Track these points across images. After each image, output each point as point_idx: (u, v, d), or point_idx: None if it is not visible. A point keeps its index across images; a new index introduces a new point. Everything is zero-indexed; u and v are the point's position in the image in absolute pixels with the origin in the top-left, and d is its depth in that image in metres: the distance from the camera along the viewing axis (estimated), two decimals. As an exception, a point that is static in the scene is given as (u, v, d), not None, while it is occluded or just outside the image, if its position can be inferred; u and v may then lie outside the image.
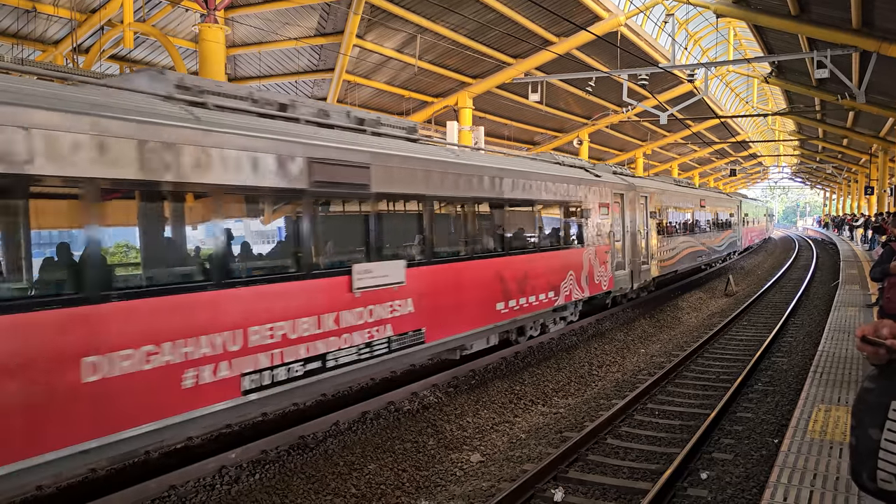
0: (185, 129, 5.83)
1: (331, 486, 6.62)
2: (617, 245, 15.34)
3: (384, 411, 8.63)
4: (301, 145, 6.99)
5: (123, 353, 5.20)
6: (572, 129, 33.43)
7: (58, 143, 4.88)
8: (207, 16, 13.27)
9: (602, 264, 14.33)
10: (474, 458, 7.56)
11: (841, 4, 13.71)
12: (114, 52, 18.78)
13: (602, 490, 6.54)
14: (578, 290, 13.18)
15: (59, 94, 5.13)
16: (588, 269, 13.58)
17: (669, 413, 9.00)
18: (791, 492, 4.60)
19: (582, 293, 13.36)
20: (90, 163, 5.06)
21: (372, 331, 7.80)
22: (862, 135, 31.19)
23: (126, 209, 5.79)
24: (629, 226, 16.19)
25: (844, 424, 5.94)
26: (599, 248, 14.18)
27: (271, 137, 6.68)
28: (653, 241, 18.14)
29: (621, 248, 15.69)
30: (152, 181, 5.55)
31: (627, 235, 16.05)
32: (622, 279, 15.77)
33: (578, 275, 13.17)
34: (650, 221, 17.90)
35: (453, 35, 19.87)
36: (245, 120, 6.70)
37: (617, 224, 15.43)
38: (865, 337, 1.68)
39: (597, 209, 14.16)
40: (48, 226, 5.51)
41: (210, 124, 6.12)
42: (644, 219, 17.37)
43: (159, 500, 6.07)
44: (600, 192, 14.50)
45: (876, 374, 1.69)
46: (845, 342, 9.55)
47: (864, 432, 1.63)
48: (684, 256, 21.94)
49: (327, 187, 7.41)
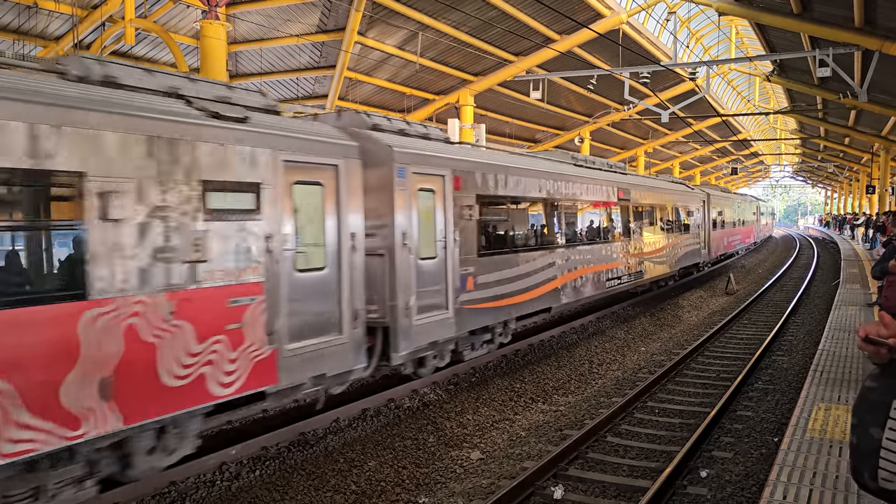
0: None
1: (331, 483, 6.63)
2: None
3: (384, 408, 8.63)
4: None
5: None
6: (573, 126, 33.39)
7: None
8: (209, 12, 13.27)
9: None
10: (474, 456, 7.57)
11: (843, 3, 13.67)
12: (115, 48, 18.77)
13: (602, 488, 6.55)
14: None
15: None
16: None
17: (670, 411, 9.00)
18: (791, 490, 4.60)
19: None
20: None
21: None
22: (864, 134, 31.12)
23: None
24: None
25: (844, 423, 5.94)
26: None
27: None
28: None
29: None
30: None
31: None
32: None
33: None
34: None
35: (455, 32, 19.84)
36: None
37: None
38: (868, 337, 1.68)
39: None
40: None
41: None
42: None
43: (159, 495, 6.08)
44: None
45: (878, 372, 1.69)
46: (846, 341, 9.54)
47: (866, 431, 1.62)
48: (559, 287, 12.69)
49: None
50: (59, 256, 5.23)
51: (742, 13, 16.86)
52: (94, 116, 5.15)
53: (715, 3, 17.02)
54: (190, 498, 6.12)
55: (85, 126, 5.08)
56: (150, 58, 20.13)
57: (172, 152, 5.69)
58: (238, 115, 6.43)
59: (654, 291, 19.85)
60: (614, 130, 37.56)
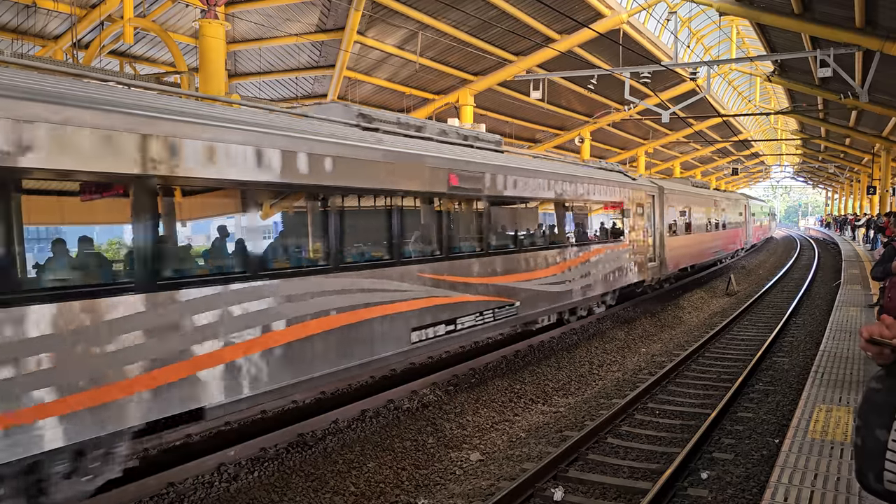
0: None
1: (330, 485, 6.60)
2: None
3: (383, 409, 8.60)
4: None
5: None
6: (574, 126, 33.37)
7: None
8: (208, 11, 13.24)
9: None
10: (474, 457, 7.54)
11: (844, 3, 13.65)
12: (114, 47, 18.76)
13: (602, 489, 6.52)
14: None
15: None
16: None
17: (670, 412, 8.97)
18: (792, 492, 4.57)
19: None
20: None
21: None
22: (865, 134, 31.11)
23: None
24: None
25: (846, 424, 5.91)
26: None
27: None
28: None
29: None
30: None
31: None
32: None
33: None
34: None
35: (455, 32, 19.82)
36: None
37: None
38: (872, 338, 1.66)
39: None
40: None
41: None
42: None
43: (158, 497, 6.05)
44: None
45: (883, 374, 1.67)
46: (847, 342, 9.51)
47: (871, 433, 1.60)
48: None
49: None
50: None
51: (743, 13, 16.84)
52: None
53: (716, 3, 17.00)
54: (188, 499, 6.09)
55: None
56: (148, 57, 20.11)
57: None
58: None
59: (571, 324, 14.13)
60: (615, 130, 37.54)
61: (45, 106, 4.82)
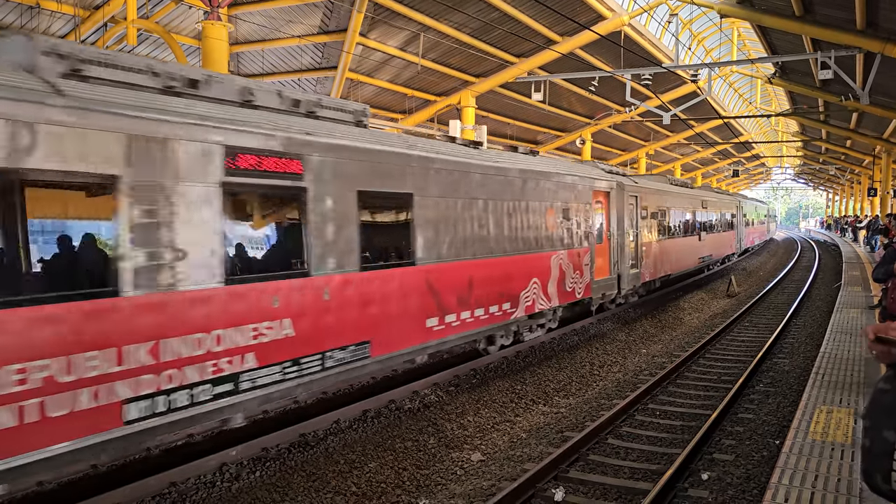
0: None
1: (331, 485, 6.62)
2: None
3: (385, 410, 8.62)
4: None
5: None
6: (575, 128, 33.39)
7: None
8: (211, 13, 13.28)
9: None
10: (475, 457, 7.56)
11: (845, 5, 13.67)
12: (117, 49, 18.79)
13: (603, 490, 6.53)
14: None
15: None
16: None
17: (671, 413, 8.99)
18: (792, 493, 4.59)
19: None
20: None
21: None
22: (865, 136, 31.10)
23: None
24: None
25: (846, 426, 5.93)
26: None
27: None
28: None
29: None
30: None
31: None
32: None
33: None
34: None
35: (456, 34, 19.85)
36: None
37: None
38: (878, 336, 1.67)
39: None
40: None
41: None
42: None
43: (160, 496, 6.07)
44: None
45: (891, 375, 1.67)
46: (848, 344, 9.52)
47: (879, 434, 1.61)
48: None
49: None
50: None
51: (744, 15, 16.86)
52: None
53: (717, 5, 17.03)
54: (190, 499, 6.11)
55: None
56: (152, 58, 20.12)
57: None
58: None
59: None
60: (616, 132, 37.56)
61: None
